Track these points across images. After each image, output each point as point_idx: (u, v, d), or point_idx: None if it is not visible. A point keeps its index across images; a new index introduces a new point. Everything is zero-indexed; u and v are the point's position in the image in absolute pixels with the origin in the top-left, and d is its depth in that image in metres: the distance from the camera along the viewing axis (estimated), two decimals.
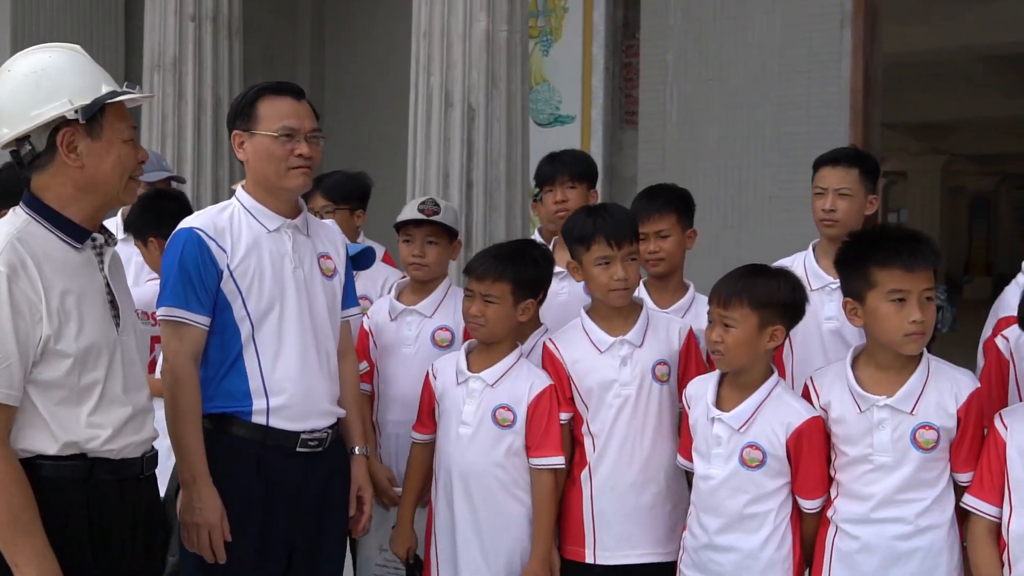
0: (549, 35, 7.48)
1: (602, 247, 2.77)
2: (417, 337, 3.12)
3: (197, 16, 6.32)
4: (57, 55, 2.16)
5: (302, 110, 2.68)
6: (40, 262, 2.06)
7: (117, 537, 2.16)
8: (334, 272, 2.77)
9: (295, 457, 2.64)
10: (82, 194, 2.14)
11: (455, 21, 4.66)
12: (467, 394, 2.86)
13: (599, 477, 2.80)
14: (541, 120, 7.33)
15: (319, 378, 2.68)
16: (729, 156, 6.43)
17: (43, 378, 2.06)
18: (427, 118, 4.77)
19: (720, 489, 2.60)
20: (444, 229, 3.14)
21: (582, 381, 2.82)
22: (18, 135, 2.13)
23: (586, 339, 2.84)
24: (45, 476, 2.05)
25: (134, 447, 2.20)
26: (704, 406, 2.66)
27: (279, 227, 2.68)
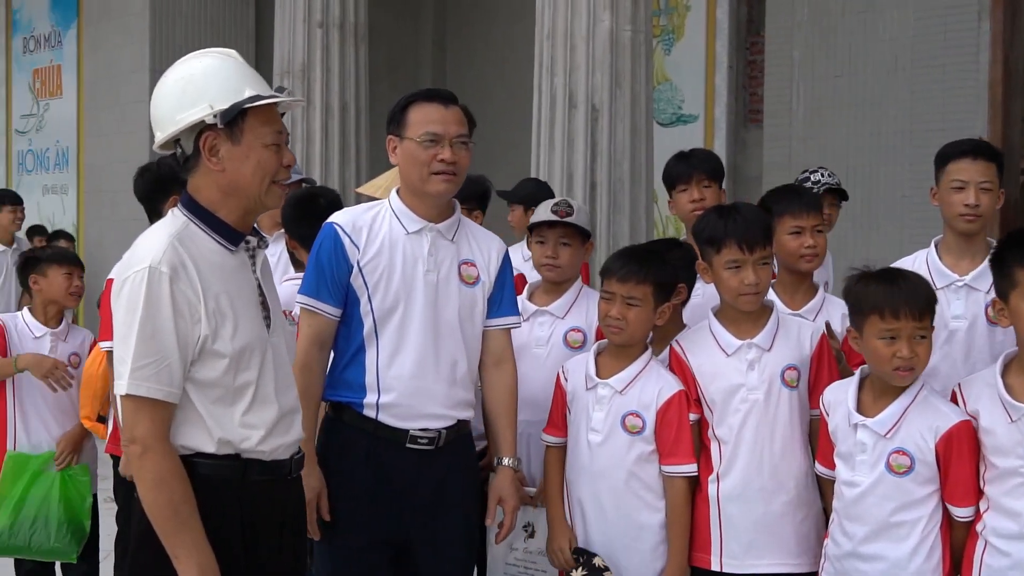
0: (671, 33, 7.40)
1: (733, 250, 2.70)
2: (549, 338, 3.11)
3: (325, 23, 6.46)
4: (207, 61, 2.22)
5: (449, 115, 2.71)
6: (199, 263, 2.12)
7: (265, 537, 2.21)
8: (476, 280, 2.77)
9: (405, 452, 2.68)
10: (227, 197, 2.19)
11: (578, 22, 4.65)
12: (596, 400, 2.82)
13: (727, 483, 2.73)
14: (663, 120, 7.25)
15: (435, 381, 2.70)
16: (858, 154, 6.23)
17: (200, 377, 2.11)
18: (551, 119, 4.77)
19: (866, 496, 2.51)
20: (577, 230, 3.13)
21: (708, 385, 2.76)
22: (166, 139, 2.20)
23: (713, 342, 2.77)
24: (201, 475, 2.11)
25: (284, 448, 2.24)
26: (845, 412, 2.57)
27: (419, 230, 2.73)
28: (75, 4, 9.66)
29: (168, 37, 8.73)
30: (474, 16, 9.30)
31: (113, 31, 9.07)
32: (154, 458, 2.05)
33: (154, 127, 2.23)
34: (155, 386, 2.05)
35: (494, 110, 8.81)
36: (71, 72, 9.76)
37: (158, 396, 2.06)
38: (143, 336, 2.04)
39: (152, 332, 2.05)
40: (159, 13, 8.70)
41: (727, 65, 7.12)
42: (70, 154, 9.84)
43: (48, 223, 9.94)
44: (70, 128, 9.80)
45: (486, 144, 8.39)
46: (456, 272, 2.74)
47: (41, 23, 10.13)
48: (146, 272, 2.06)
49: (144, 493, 2.07)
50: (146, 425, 2.05)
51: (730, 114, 7.12)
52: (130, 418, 2.07)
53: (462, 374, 2.75)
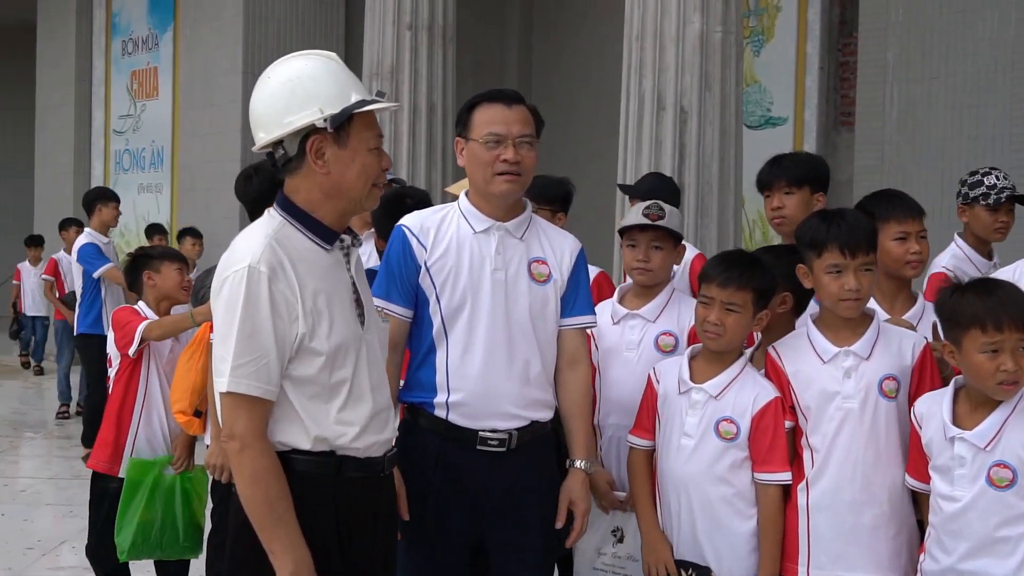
0: (761, 35, 7.30)
1: (834, 255, 2.63)
2: (640, 341, 3.07)
3: (414, 25, 6.52)
4: (312, 63, 2.23)
5: (511, 116, 2.67)
6: (295, 263, 2.14)
7: (359, 534, 2.23)
8: (547, 278, 2.73)
9: (476, 454, 2.64)
10: (328, 199, 2.21)
11: (668, 23, 4.63)
12: (689, 405, 2.77)
13: (816, 492, 2.67)
14: (752, 122, 7.16)
15: (505, 380, 2.66)
16: (954, 158, 6.07)
17: (298, 374, 2.14)
18: (638, 121, 4.75)
19: (967, 512, 2.43)
20: (669, 234, 3.09)
21: (803, 392, 2.70)
22: (272, 140, 2.21)
23: (810, 348, 2.71)
24: (297, 471, 2.13)
25: (378, 446, 2.26)
26: (939, 424, 2.49)
27: (487, 229, 2.71)
28: (172, 7, 9.92)
29: (261, 39, 8.91)
30: (561, 18, 9.30)
31: (208, 33, 9.29)
32: (252, 454, 2.08)
33: (256, 128, 2.26)
34: (254, 383, 2.08)
35: (580, 112, 8.81)
36: (167, 73, 10.01)
37: (257, 393, 2.09)
38: (243, 335, 2.08)
39: (251, 331, 2.08)
40: (252, 16, 8.89)
41: (818, 67, 7.00)
42: (165, 153, 10.09)
43: (143, 221, 10.22)
44: (165, 128, 10.06)
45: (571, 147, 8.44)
46: (526, 270, 2.71)
47: (139, 26, 10.42)
48: (245, 271, 2.09)
49: (242, 489, 2.10)
50: (245, 422, 2.08)
51: (820, 116, 7.00)
52: (229, 415, 2.10)
53: (536, 373, 2.71)
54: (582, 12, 9.02)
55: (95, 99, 11.05)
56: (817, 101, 6.98)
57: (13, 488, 6.19)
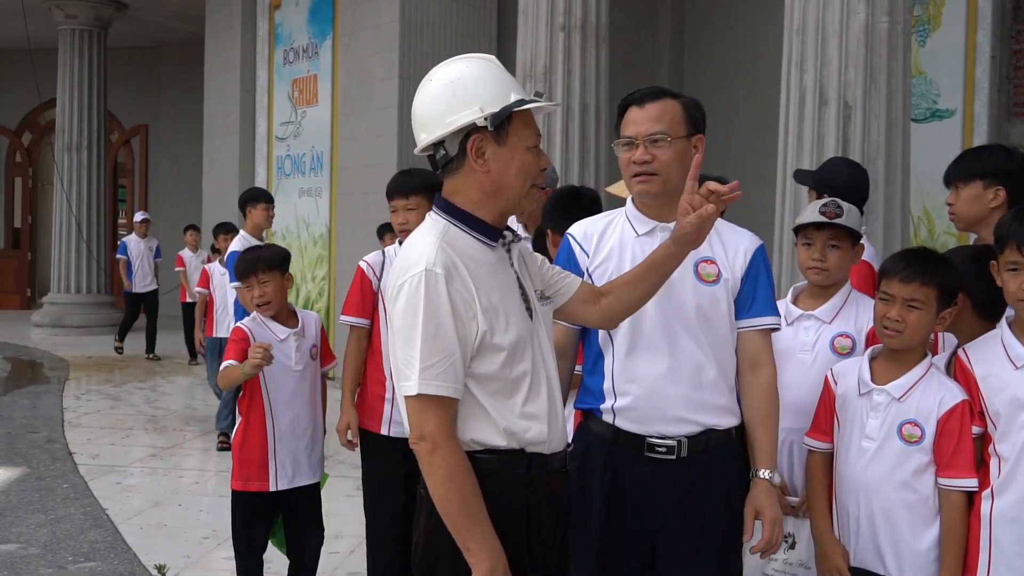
0: (926, 24, 7.01)
1: (1012, 252, 2.51)
2: (815, 343, 2.97)
3: (567, 25, 6.54)
4: (473, 65, 2.27)
5: (642, 115, 2.61)
6: (467, 263, 2.18)
7: (544, 531, 2.25)
8: (717, 278, 2.65)
9: (644, 461, 2.60)
10: (487, 198, 2.24)
11: (831, 15, 4.49)
12: (871, 407, 2.68)
13: (1002, 503, 2.54)
14: (917, 115, 6.87)
15: (674, 382, 2.60)
16: None
17: (481, 371, 2.17)
18: (799, 117, 4.63)
19: None
20: (847, 232, 2.99)
21: (992, 398, 2.56)
22: (435, 140, 2.25)
23: (1002, 352, 2.57)
24: (487, 470, 2.16)
25: (559, 440, 2.28)
26: None
27: (651, 230, 2.67)
28: (331, 17, 10.23)
29: (416, 45, 9.09)
30: (713, 15, 9.16)
31: (365, 41, 9.54)
32: (444, 454, 2.11)
33: (419, 130, 2.30)
34: (443, 384, 2.11)
35: (735, 110, 8.65)
36: (326, 81, 10.33)
37: (447, 393, 2.12)
38: (427, 336, 2.11)
39: (435, 332, 2.11)
40: (408, 23, 9.08)
41: (989, 55, 6.67)
42: (324, 158, 10.42)
43: (304, 224, 10.58)
44: (324, 134, 10.38)
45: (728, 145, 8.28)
46: (692, 270, 2.63)
47: (300, 36, 10.79)
48: (422, 275, 2.12)
49: (435, 488, 2.12)
50: (435, 422, 2.11)
51: (992, 107, 6.67)
52: (418, 416, 2.13)
53: (711, 377, 2.63)
54: (734, 8, 8.85)
55: (259, 107, 11.51)
56: (988, 92, 6.65)
57: (188, 479, 6.51)
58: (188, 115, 15.20)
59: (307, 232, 10.52)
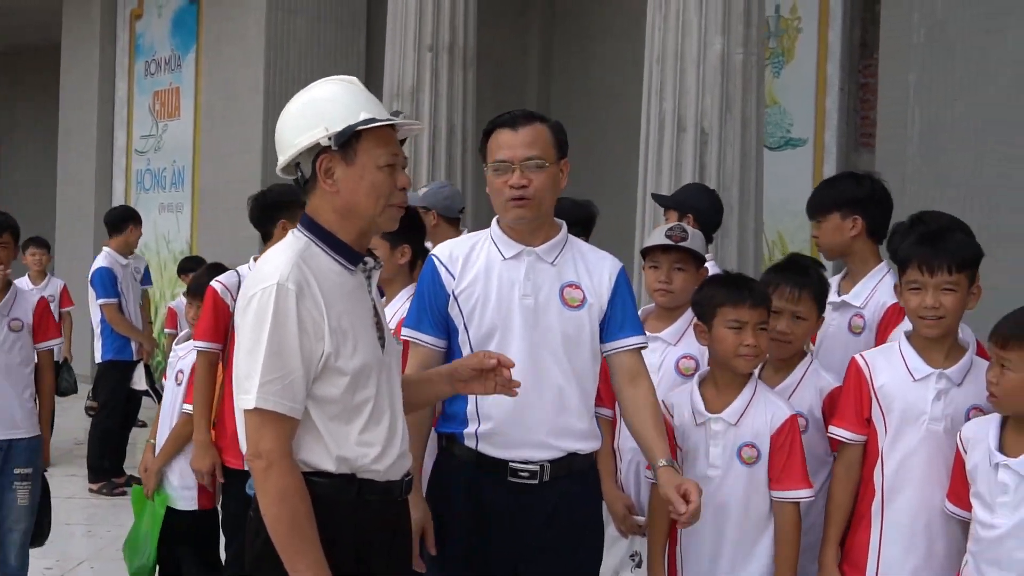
0: (781, 56, 7.30)
1: (914, 271, 2.63)
2: (661, 365, 3.05)
3: (435, 47, 6.56)
4: (330, 86, 2.27)
5: (517, 139, 2.61)
6: (321, 282, 2.16)
7: (376, 558, 2.22)
8: (582, 303, 2.66)
9: (507, 486, 2.60)
10: (342, 219, 2.23)
11: (689, 45, 4.62)
12: (709, 436, 2.76)
13: (891, 513, 2.64)
14: (772, 143, 7.14)
15: (537, 408, 2.61)
16: (979, 182, 6.02)
17: (321, 394, 2.14)
18: (659, 143, 4.74)
19: (1006, 540, 2.40)
20: (692, 255, 3.07)
21: (888, 406, 2.67)
22: (287, 161, 2.25)
23: (901, 363, 2.68)
24: (317, 494, 2.13)
25: (396, 469, 2.26)
26: (985, 450, 2.47)
27: (517, 254, 2.67)
28: (195, 29, 10.00)
29: (282, 61, 8.97)
30: (581, 40, 9.32)
31: (230, 55, 9.36)
32: (279, 473, 2.07)
33: (278, 151, 2.29)
34: (281, 401, 2.08)
35: (601, 133, 8.81)
36: (189, 94, 10.09)
37: (284, 411, 2.09)
38: (271, 351, 2.08)
39: (279, 347, 2.08)
40: (274, 38, 8.95)
41: (838, 87, 6.98)
42: (186, 174, 10.16)
43: (164, 241, 10.28)
44: (186, 148, 10.13)
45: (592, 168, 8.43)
46: (557, 295, 2.65)
47: (162, 47, 10.51)
48: (274, 288, 2.10)
49: (267, 508, 2.09)
50: (272, 440, 2.08)
51: (840, 138, 6.97)
52: (255, 433, 2.09)
53: (572, 402, 2.64)
54: (602, 34, 9.04)
55: (118, 119, 11.15)
56: (837, 122, 6.96)
57: None
58: (46, 125, 14.60)
59: (167, 249, 10.24)
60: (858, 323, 3.09)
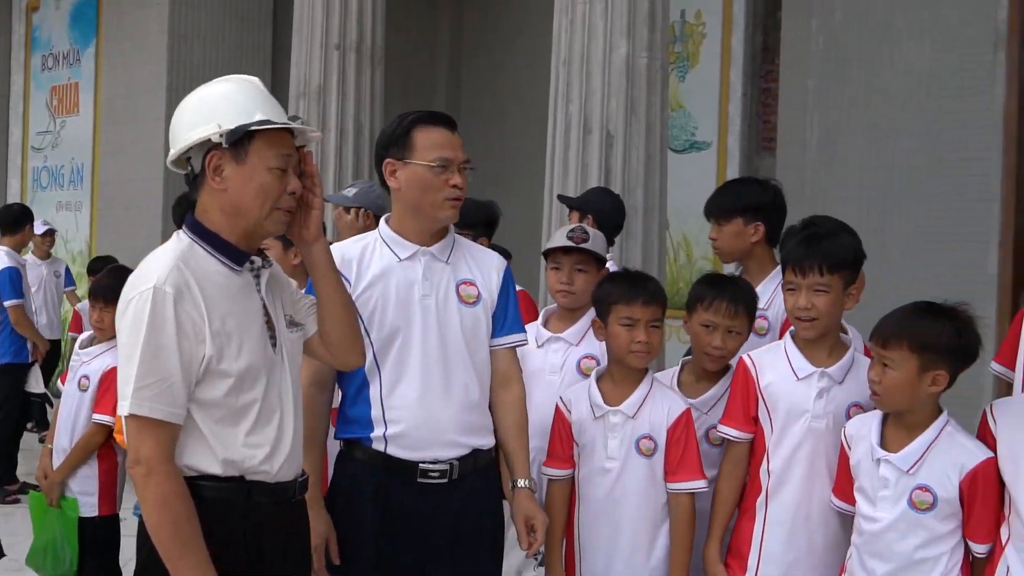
0: (686, 61, 7.42)
1: (789, 273, 2.72)
2: (563, 365, 3.10)
3: (342, 46, 6.51)
4: (229, 84, 2.25)
5: (455, 141, 2.68)
6: (203, 284, 2.13)
7: (270, 560, 2.20)
8: (477, 299, 2.70)
9: (416, 487, 2.61)
10: (228, 218, 2.20)
11: (595, 48, 4.67)
12: (608, 428, 2.82)
13: (773, 508, 2.71)
14: (677, 146, 7.26)
15: (445, 407, 2.62)
16: (873, 185, 6.22)
17: (204, 397, 2.11)
18: (565, 145, 4.78)
19: (887, 532, 2.50)
20: (593, 257, 3.12)
21: (773, 405, 2.74)
22: (177, 154, 2.23)
23: (786, 363, 2.75)
24: (205, 497, 2.10)
25: (288, 470, 2.24)
26: (867, 446, 2.56)
27: (412, 255, 2.68)
28: (94, 23, 9.74)
29: (186, 57, 8.80)
30: (490, 41, 9.34)
31: (131, 50, 9.14)
32: (158, 479, 2.05)
33: (171, 144, 2.27)
34: (158, 406, 2.05)
35: (510, 134, 8.84)
36: (88, 90, 9.82)
37: (161, 416, 2.06)
38: (146, 356, 2.05)
39: (155, 352, 2.05)
40: (177, 34, 8.77)
41: (741, 93, 7.14)
42: (85, 171, 9.89)
43: (62, 240, 9.99)
44: (85, 145, 9.86)
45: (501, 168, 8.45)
46: (455, 293, 2.68)
47: (60, 41, 10.21)
48: (151, 292, 2.07)
49: (148, 514, 2.06)
50: (150, 446, 2.05)
51: (743, 142, 7.13)
52: (134, 439, 2.06)
53: (475, 398, 2.68)
54: (511, 35, 9.07)
55: (13, 115, 10.81)
56: (740, 127, 7.11)
57: None
58: None
59: (65, 248, 9.94)
60: (762, 324, 3.16)
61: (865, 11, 6.32)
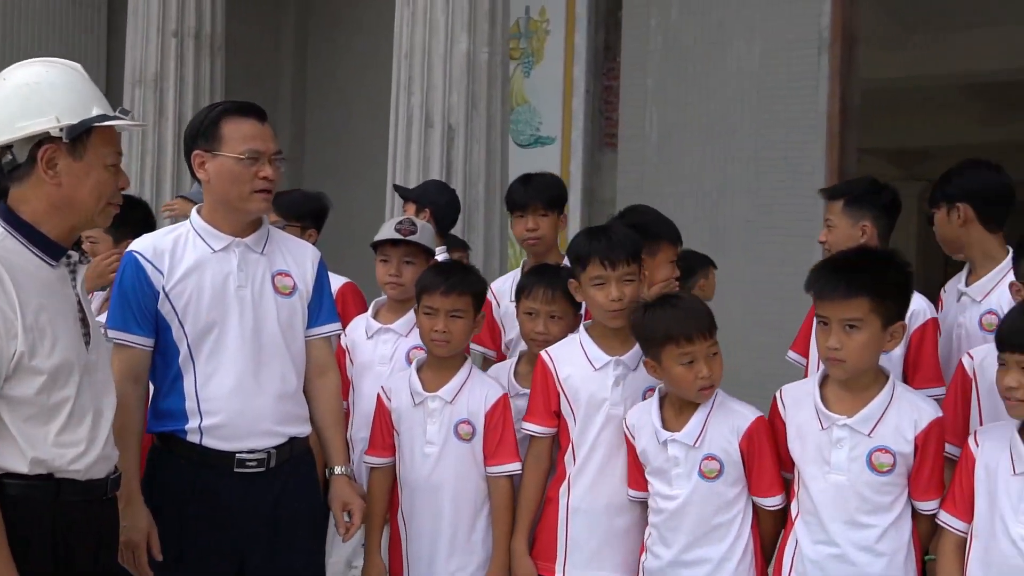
0: (531, 57, 7.53)
1: (597, 267, 2.79)
2: (392, 355, 3.14)
3: (179, 32, 6.34)
4: (55, 71, 2.16)
5: (266, 132, 2.66)
6: (16, 277, 2.06)
7: (80, 560, 2.15)
8: (293, 289, 2.72)
9: (234, 477, 2.61)
10: (55, 211, 2.14)
11: (436, 42, 4.70)
12: (427, 414, 2.89)
13: (575, 497, 2.81)
14: (522, 141, 7.36)
15: (261, 398, 2.63)
16: (707, 179, 6.47)
17: (14, 394, 2.05)
18: (407, 138, 4.80)
19: (686, 507, 2.65)
20: (421, 249, 3.17)
21: (574, 396, 2.83)
22: (2, 144, 2.13)
23: (582, 355, 2.85)
24: (11, 496, 2.04)
25: (100, 468, 2.19)
26: (651, 432, 2.70)
27: (226, 246, 2.67)
28: None
29: (14, 38, 8.37)
30: (337, 31, 9.24)
31: None
32: None
33: None
34: None
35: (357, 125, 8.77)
36: None
37: None
38: None
39: None
40: (5, 13, 8.35)
41: (584, 89, 7.28)
42: None
43: None
44: None
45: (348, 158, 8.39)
46: (270, 284, 2.69)
47: None
48: None
49: None
50: None
51: (587, 137, 7.28)
52: None
53: (292, 388, 2.71)
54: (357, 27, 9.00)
55: None
56: (583, 122, 7.25)
57: None
58: None
59: None
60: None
61: (700, 12, 6.56)
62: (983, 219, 3.05)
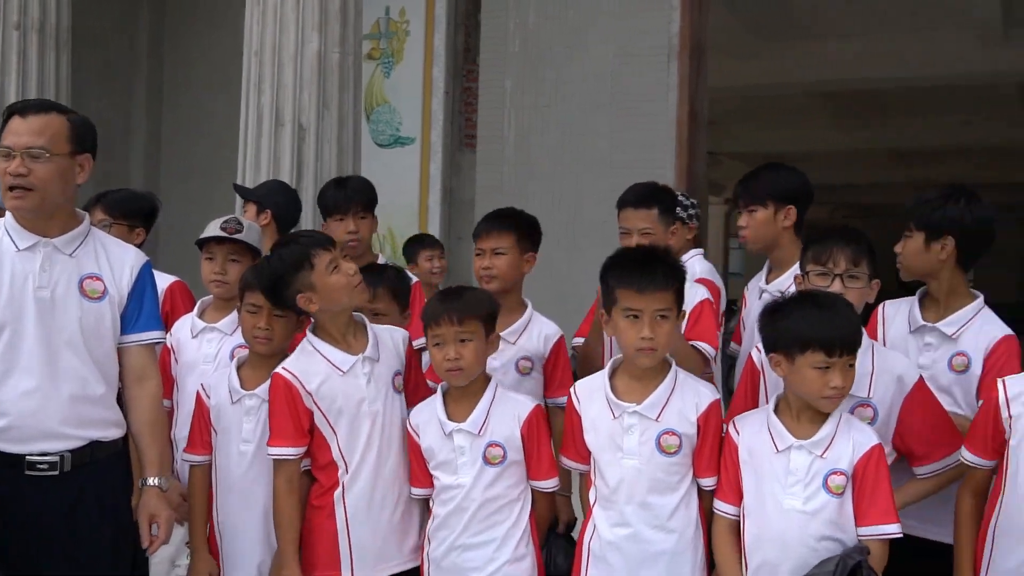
0: (391, 57, 7.53)
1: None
2: (217, 354, 3.12)
3: (22, 25, 6.10)
4: None
5: (24, 126, 2.57)
6: None
7: None
8: (103, 294, 2.67)
9: (26, 480, 2.57)
10: None
11: (287, 41, 4.66)
12: (244, 412, 2.90)
13: (351, 497, 2.80)
14: (382, 141, 7.36)
15: (55, 401, 2.59)
16: (563, 181, 6.60)
17: None
18: (257, 136, 4.75)
19: (470, 492, 2.75)
20: (247, 247, 3.17)
21: (331, 404, 2.81)
22: None
23: (325, 362, 2.82)
24: None
25: None
26: (436, 425, 2.78)
27: (32, 246, 2.61)
28: None
29: None
30: (194, 27, 9.05)
31: None
32: None
33: None
34: None
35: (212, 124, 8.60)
36: None
37: None
38: None
39: None
40: None
41: (444, 91, 7.33)
42: None
43: None
44: None
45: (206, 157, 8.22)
46: (76, 287, 2.65)
47: None
48: None
49: None
50: None
51: (446, 138, 7.33)
52: None
53: (96, 392, 2.66)
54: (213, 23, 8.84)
55: None
56: (443, 123, 7.30)
57: None
58: None
59: None
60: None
61: (557, 16, 6.69)
62: (962, 257, 2.97)
